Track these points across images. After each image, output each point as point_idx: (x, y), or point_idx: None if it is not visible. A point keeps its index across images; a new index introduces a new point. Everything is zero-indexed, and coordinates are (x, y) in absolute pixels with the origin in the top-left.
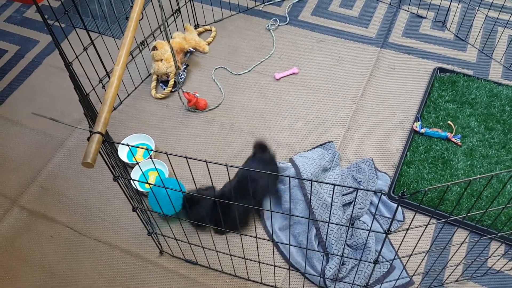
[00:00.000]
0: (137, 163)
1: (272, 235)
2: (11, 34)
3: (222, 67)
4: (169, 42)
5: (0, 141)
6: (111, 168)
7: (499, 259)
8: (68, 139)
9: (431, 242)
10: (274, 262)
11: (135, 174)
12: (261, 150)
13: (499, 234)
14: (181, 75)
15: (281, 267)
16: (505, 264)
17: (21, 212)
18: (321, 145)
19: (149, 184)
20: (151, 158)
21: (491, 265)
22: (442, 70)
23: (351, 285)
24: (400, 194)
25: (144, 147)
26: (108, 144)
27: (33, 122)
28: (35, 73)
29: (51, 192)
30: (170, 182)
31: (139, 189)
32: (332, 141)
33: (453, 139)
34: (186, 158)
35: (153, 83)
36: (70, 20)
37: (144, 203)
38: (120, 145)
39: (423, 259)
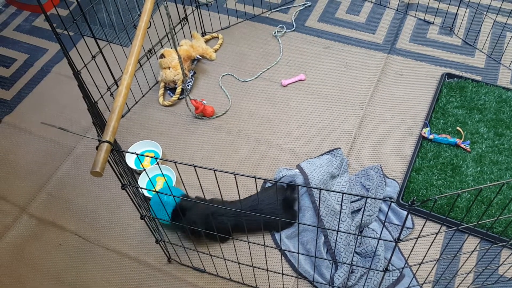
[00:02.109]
0: (144, 170)
1: (280, 243)
2: (20, 43)
3: (229, 74)
4: (176, 49)
5: (9, 149)
6: (119, 176)
7: (510, 266)
8: (77, 146)
9: (441, 249)
10: (282, 270)
11: (143, 179)
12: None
13: (511, 241)
14: (189, 82)
15: (289, 275)
16: None
17: (30, 220)
18: (329, 151)
19: (156, 192)
20: (158, 164)
21: (502, 272)
22: (450, 75)
23: None
24: (410, 202)
25: (152, 154)
26: (117, 153)
27: (42, 130)
28: (44, 81)
29: (59, 200)
30: (174, 191)
31: (146, 194)
32: (340, 148)
33: (462, 145)
34: (194, 166)
35: (161, 91)
36: (79, 28)
37: (152, 211)
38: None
39: (433, 267)
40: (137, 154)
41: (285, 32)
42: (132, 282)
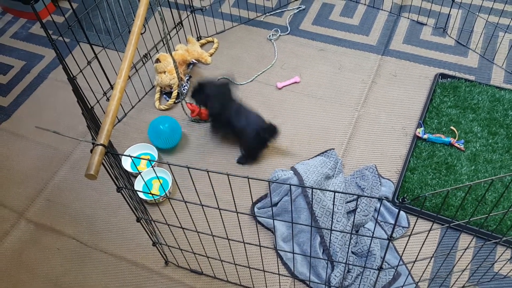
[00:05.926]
0: (139, 173)
1: (276, 246)
2: (17, 50)
3: (224, 78)
4: (171, 54)
5: (7, 155)
6: (114, 179)
7: (505, 263)
8: (74, 151)
9: (436, 247)
10: (278, 271)
11: (139, 182)
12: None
13: (504, 238)
14: (184, 86)
15: (286, 276)
16: None
17: (27, 225)
18: (322, 153)
19: (152, 194)
20: (153, 167)
21: (497, 270)
22: (443, 76)
23: None
24: (400, 200)
25: (148, 156)
26: (111, 156)
27: (39, 135)
28: (40, 88)
29: (57, 205)
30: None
31: (143, 197)
32: (333, 149)
33: (456, 145)
34: (188, 168)
35: (157, 95)
36: (74, 35)
37: (148, 214)
38: (124, 155)
39: (428, 264)
40: (131, 157)
41: (280, 35)
42: (130, 285)
